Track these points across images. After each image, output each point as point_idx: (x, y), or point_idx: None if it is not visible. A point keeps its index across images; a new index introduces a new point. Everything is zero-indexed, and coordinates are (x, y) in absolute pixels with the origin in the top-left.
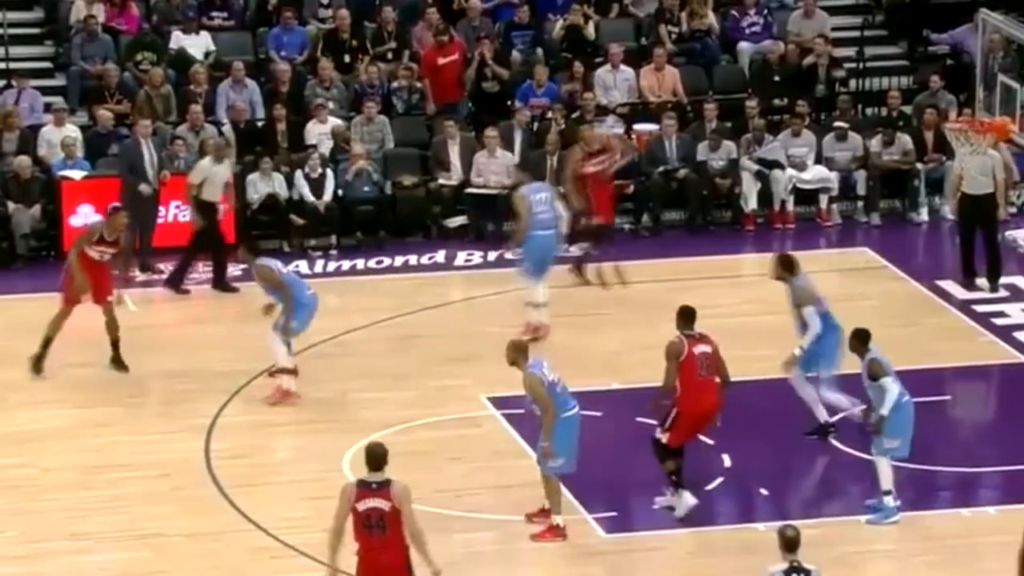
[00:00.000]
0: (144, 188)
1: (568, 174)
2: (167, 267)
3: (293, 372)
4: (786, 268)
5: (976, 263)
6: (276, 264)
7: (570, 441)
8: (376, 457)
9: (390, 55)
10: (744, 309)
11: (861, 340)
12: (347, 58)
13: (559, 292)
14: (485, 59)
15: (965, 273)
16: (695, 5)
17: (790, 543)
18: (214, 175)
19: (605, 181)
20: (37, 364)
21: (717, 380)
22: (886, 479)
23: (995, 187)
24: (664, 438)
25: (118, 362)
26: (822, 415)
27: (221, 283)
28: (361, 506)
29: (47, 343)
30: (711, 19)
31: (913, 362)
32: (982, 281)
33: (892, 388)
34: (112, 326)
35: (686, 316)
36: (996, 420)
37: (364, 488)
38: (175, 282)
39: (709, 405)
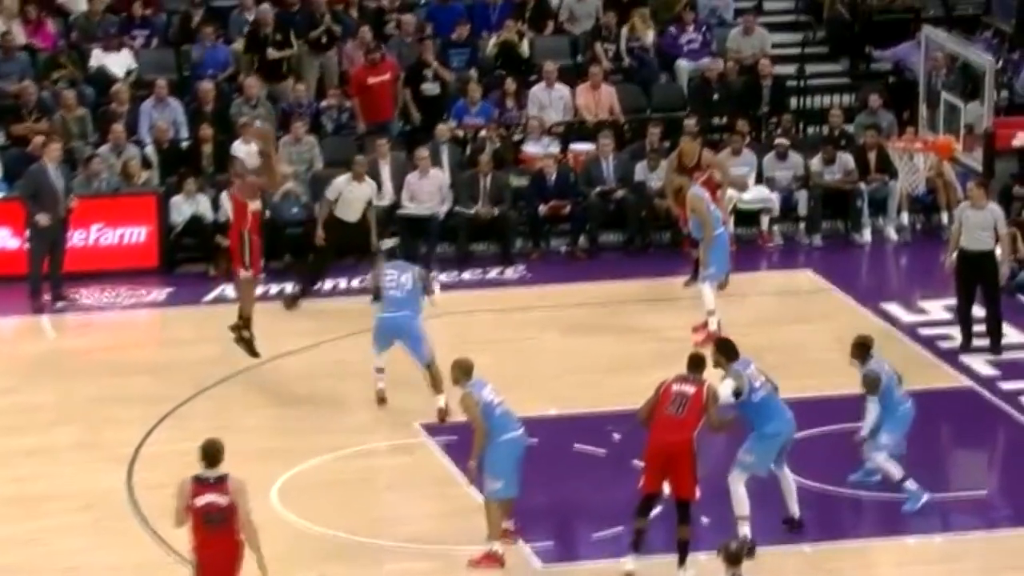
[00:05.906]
0: (41, 218)
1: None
2: (79, 293)
3: None
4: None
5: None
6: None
7: (510, 464)
8: (212, 453)
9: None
10: (685, 333)
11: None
12: (271, 52)
13: (497, 316)
14: (428, 60)
15: (964, 336)
16: (637, 22)
17: (733, 557)
18: (349, 193)
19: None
20: (250, 347)
21: (691, 422)
22: (897, 470)
23: (998, 243)
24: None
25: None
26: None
27: (295, 301)
28: (199, 502)
29: (248, 322)
30: (650, 38)
31: (858, 386)
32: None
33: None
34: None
35: (691, 362)
36: (935, 445)
37: (201, 484)
38: (296, 298)
39: (664, 442)
